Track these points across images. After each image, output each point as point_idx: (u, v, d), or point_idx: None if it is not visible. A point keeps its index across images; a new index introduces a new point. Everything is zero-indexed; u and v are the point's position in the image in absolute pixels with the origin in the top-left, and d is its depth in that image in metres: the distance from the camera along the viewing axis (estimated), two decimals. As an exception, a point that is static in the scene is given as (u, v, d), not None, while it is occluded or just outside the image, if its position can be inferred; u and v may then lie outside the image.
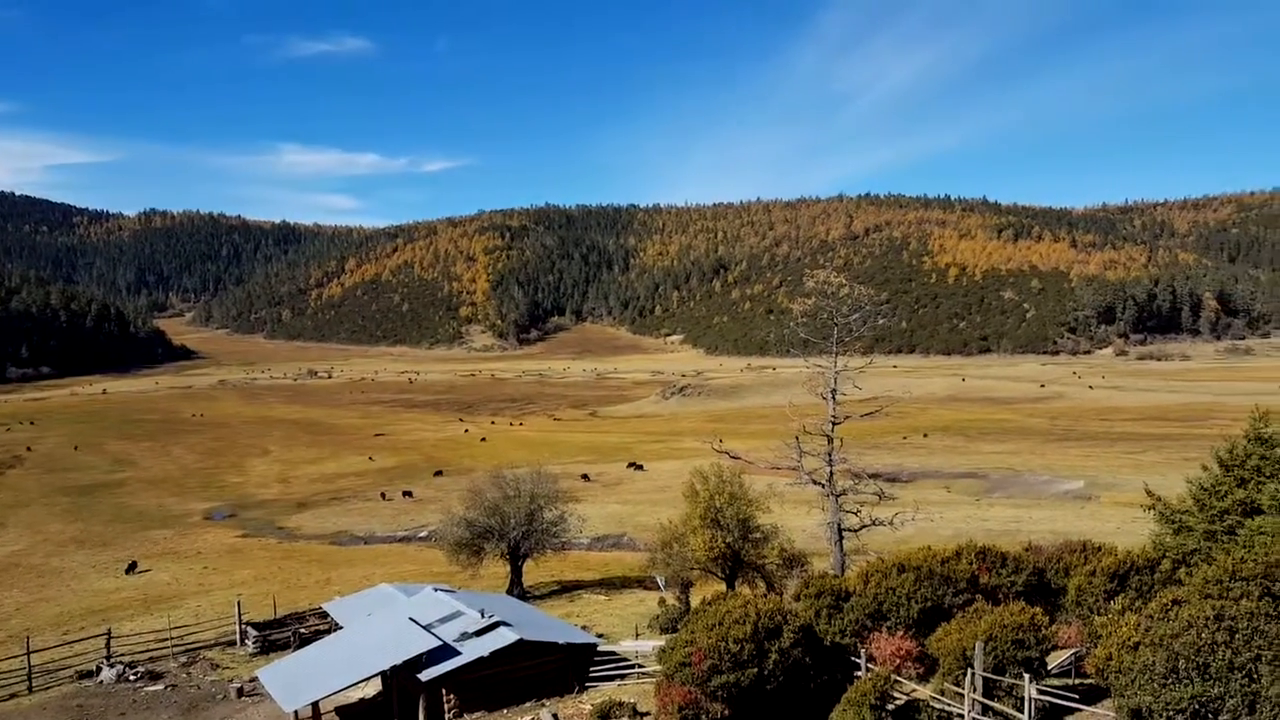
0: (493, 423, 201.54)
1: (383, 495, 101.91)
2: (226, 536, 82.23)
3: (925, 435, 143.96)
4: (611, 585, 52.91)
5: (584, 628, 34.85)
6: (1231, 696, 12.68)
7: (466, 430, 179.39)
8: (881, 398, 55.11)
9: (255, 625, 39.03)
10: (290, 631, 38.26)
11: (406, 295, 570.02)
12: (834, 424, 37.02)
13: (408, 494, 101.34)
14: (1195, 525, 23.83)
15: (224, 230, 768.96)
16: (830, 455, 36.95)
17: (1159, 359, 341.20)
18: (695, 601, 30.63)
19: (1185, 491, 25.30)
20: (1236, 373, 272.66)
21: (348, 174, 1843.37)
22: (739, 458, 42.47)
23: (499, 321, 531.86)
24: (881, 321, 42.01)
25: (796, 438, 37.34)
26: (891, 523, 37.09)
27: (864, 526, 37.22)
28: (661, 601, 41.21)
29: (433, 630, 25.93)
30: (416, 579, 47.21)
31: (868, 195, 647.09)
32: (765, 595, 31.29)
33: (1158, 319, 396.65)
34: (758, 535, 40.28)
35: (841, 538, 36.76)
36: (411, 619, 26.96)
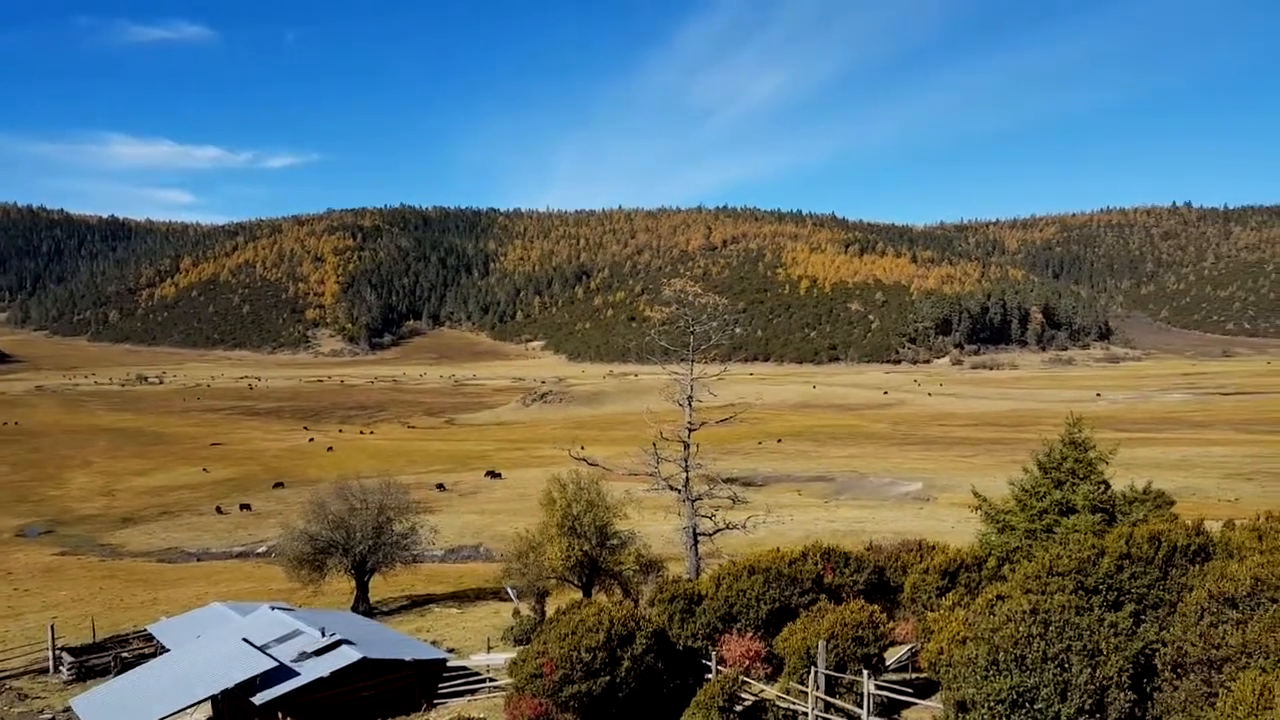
0: (340, 431, 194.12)
1: (218, 509, 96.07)
2: (41, 555, 75.55)
3: (779, 440, 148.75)
4: (465, 598, 51.77)
5: (434, 643, 33.89)
6: (1045, 686, 13.53)
7: (311, 439, 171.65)
8: (737, 404, 56.29)
9: (71, 650, 35.89)
10: (111, 656, 35.38)
11: (247, 297, 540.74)
12: (691, 430, 37.61)
13: (245, 507, 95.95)
14: (1017, 524, 25.41)
15: (44, 224, 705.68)
16: (687, 461, 37.50)
17: (991, 368, 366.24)
18: (551, 611, 30.32)
19: (1009, 493, 26.93)
20: (1059, 381, 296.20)
21: (184, 167, 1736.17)
22: (597, 464, 42.41)
23: (349, 325, 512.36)
24: (738, 330, 43.11)
25: (654, 444, 37.68)
26: (744, 526, 37.98)
27: (718, 530, 37.93)
28: (516, 613, 40.62)
29: (268, 651, 24.51)
30: (253, 597, 44.64)
31: (726, 208, 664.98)
32: (621, 602, 31.37)
33: (990, 331, 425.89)
34: (615, 542, 40.35)
35: (696, 542, 37.33)
36: (245, 640, 25.39)
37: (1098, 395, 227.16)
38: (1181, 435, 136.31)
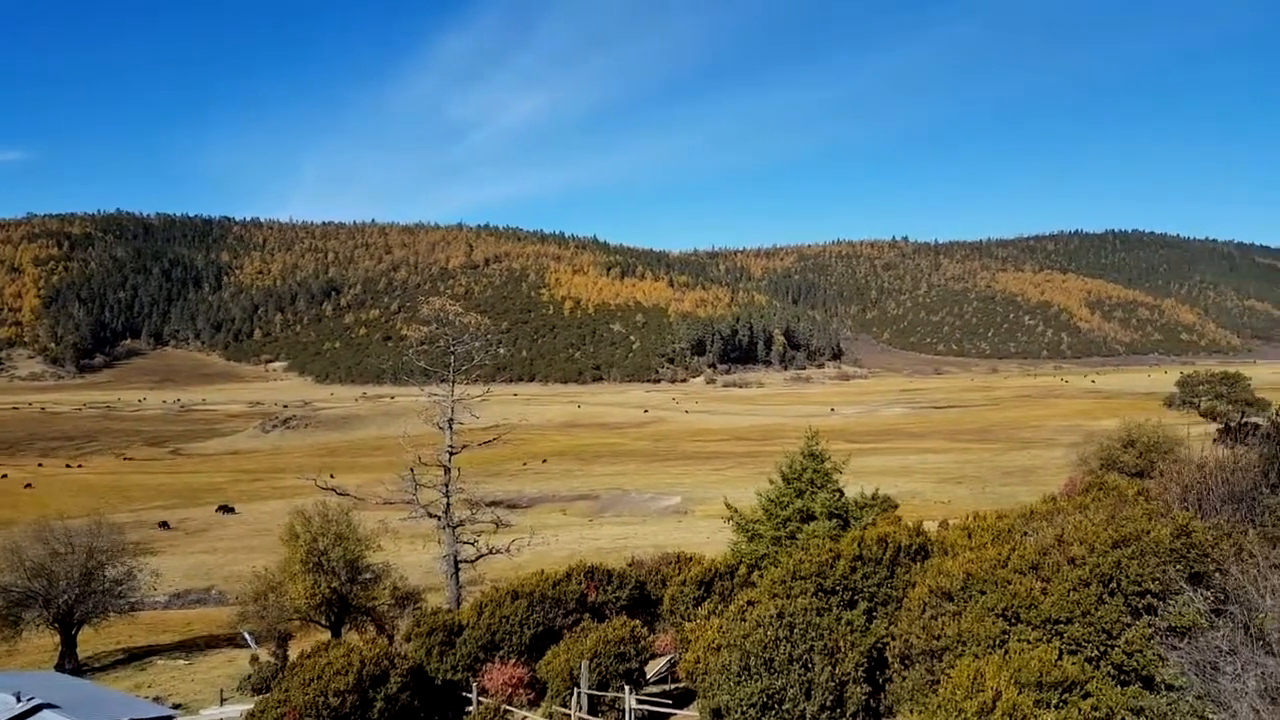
0: (41, 465, 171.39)
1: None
2: None
3: (544, 461, 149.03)
4: (195, 646, 46.89)
5: (157, 699, 30.48)
6: (791, 686, 14.25)
7: (4, 475, 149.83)
8: (501, 425, 55.64)
9: None
10: None
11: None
12: (451, 454, 36.53)
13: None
14: (765, 532, 26.87)
15: None
16: (447, 486, 36.35)
17: (741, 386, 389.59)
18: (294, 655, 28.18)
19: (757, 503, 28.45)
20: (799, 397, 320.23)
21: None
22: (348, 494, 40.17)
23: (53, 345, 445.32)
24: (501, 350, 42.67)
25: (412, 470, 36.25)
26: (509, 550, 37.39)
27: (481, 556, 37.04)
28: (254, 659, 37.34)
29: (-56, 729, 20.71)
30: (-69, 664, 37.91)
31: (488, 226, 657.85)
32: (374, 640, 29.75)
33: (739, 351, 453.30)
34: (368, 576, 38.24)
35: (458, 570, 36.24)
36: (-86, 718, 21.32)
37: (832, 410, 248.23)
38: (903, 445, 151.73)
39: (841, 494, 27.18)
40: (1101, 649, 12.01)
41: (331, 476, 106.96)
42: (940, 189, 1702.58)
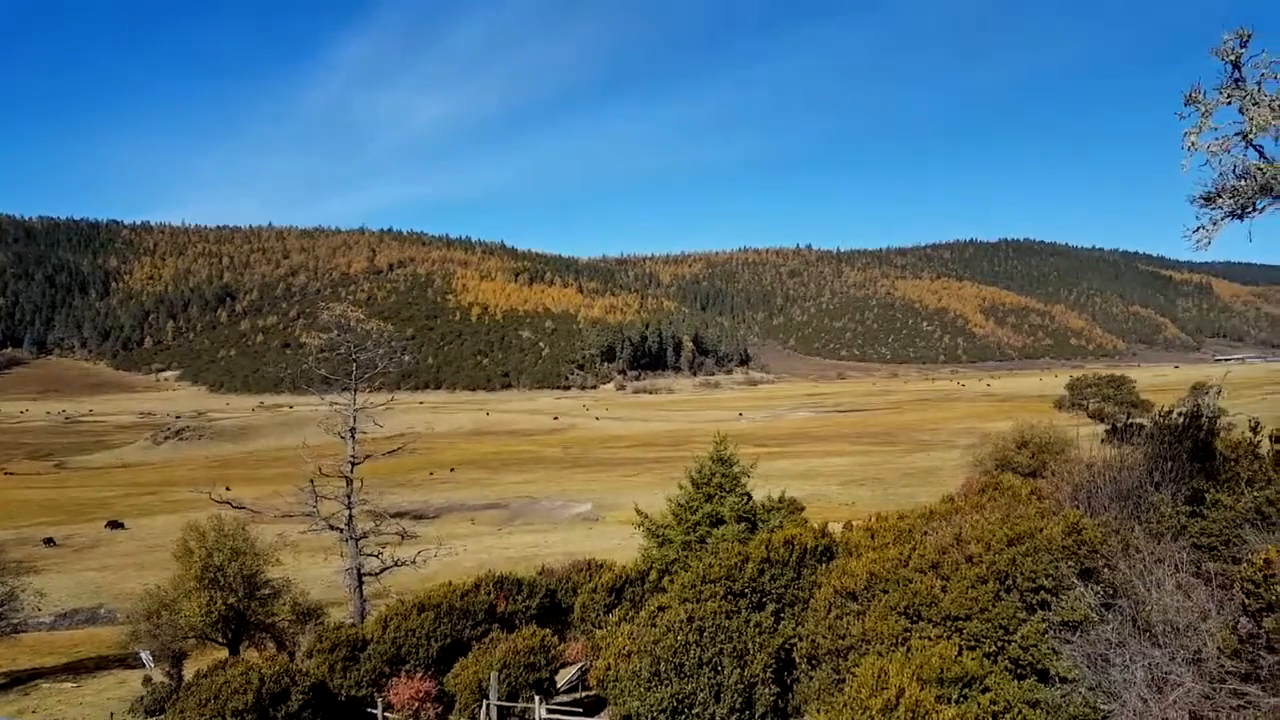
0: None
1: None
2: None
3: (452, 469, 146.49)
4: (83, 668, 44.31)
5: (39, 727, 28.56)
6: (701, 690, 14.28)
7: None
8: (407, 434, 54.50)
9: None
10: None
11: None
12: (354, 464, 35.48)
13: None
14: (675, 537, 26.94)
15: None
16: (350, 497, 35.29)
17: (651, 392, 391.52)
18: (190, 675, 26.92)
19: (667, 508, 28.53)
20: (708, 403, 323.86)
21: None
22: (245, 507, 38.51)
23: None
24: (406, 358, 41.57)
25: (312, 481, 35.05)
26: (414, 562, 36.53)
27: (385, 569, 36.07)
28: (147, 680, 35.47)
29: None
30: None
31: (391, 230, 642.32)
32: (274, 657, 28.65)
33: (649, 357, 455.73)
34: (267, 592, 36.75)
35: (361, 583, 35.20)
36: None
37: (740, 415, 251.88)
38: (808, 448, 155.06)
39: (749, 498, 27.48)
40: (999, 644, 12.40)
41: (227, 489, 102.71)
42: (843, 199, 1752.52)
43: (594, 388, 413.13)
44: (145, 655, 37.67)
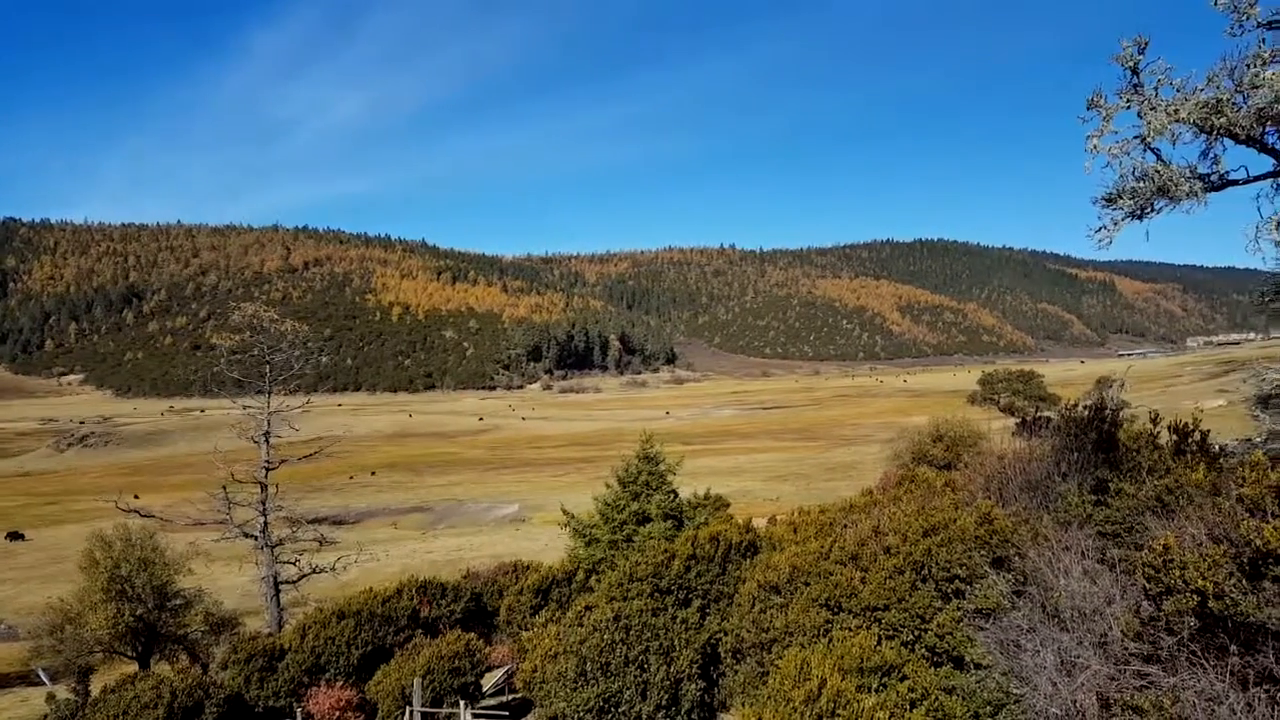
0: None
1: None
2: None
3: (373, 473, 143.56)
4: (-19, 689, 42.06)
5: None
6: (628, 689, 14.27)
7: None
8: (325, 438, 53.19)
9: None
10: None
11: None
12: (268, 469, 34.47)
13: None
14: (602, 537, 26.90)
15: None
16: (265, 503, 34.27)
17: (578, 391, 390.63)
18: (97, 691, 25.81)
19: (594, 507, 28.47)
20: (635, 402, 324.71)
21: None
22: (154, 515, 36.98)
23: None
24: (324, 359, 40.61)
25: (224, 487, 33.94)
26: (334, 568, 35.70)
27: (303, 576, 35.17)
28: (51, 698, 33.75)
29: None
30: None
31: (306, 228, 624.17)
32: (187, 669, 27.72)
33: (576, 357, 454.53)
34: (178, 602, 35.46)
35: (278, 591, 34.22)
36: None
37: (667, 413, 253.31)
38: (734, 445, 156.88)
39: (676, 495, 27.62)
40: (916, 633, 12.71)
41: (136, 497, 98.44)
42: (765, 199, 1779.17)
43: (520, 388, 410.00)
44: (44, 672, 35.98)
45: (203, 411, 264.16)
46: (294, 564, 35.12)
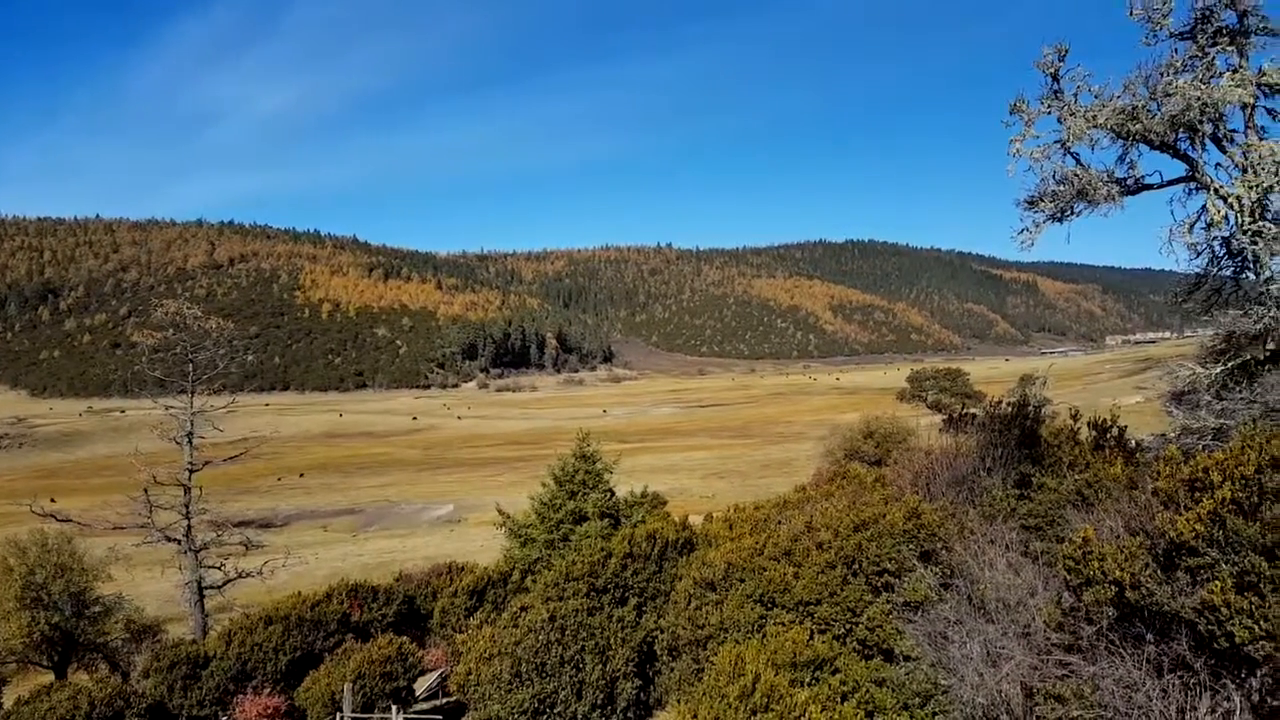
0: None
1: None
2: None
3: (302, 475, 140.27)
4: (-121, 708, 39.86)
5: None
6: (564, 689, 14.21)
7: None
8: (251, 439, 51.67)
9: None
10: None
11: None
12: (192, 471, 33.42)
13: None
14: (538, 536, 26.77)
15: None
16: (188, 506, 33.21)
17: (514, 390, 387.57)
18: (10, 703, 24.75)
19: (530, 507, 28.30)
20: (573, 400, 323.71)
21: None
22: (71, 519, 35.58)
23: None
24: (250, 357, 39.60)
25: (145, 490, 32.78)
26: (261, 573, 34.81)
27: (229, 581, 34.20)
28: (-44, 714, 32.31)
29: None
30: None
31: (232, 223, 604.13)
32: (107, 679, 26.70)
33: (512, 355, 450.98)
34: (97, 609, 34.11)
35: (203, 597, 33.23)
36: None
37: (604, 412, 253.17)
38: (671, 443, 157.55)
39: (613, 493, 27.62)
40: (847, 627, 12.92)
41: (52, 500, 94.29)
42: (701, 199, 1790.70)
43: (455, 386, 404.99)
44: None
45: (123, 412, 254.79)
46: (219, 569, 34.14)
